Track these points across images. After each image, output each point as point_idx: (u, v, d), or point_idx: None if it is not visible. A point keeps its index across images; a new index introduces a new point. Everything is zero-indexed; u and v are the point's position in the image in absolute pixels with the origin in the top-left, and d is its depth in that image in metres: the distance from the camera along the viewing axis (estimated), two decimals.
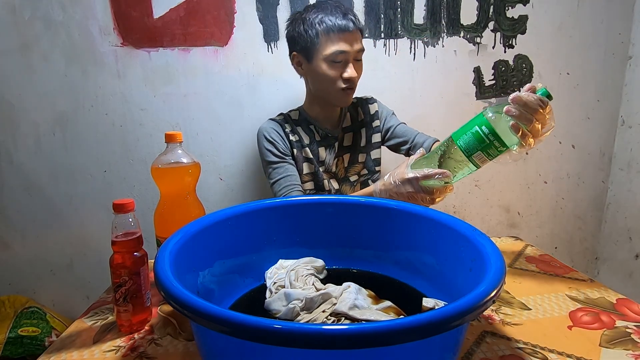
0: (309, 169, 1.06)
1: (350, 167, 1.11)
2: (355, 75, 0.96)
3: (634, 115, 1.46)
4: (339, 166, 1.09)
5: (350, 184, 1.11)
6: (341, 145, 1.09)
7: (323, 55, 0.94)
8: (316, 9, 0.96)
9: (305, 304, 0.54)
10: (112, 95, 1.33)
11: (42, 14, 1.26)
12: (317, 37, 0.94)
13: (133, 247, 0.58)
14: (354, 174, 1.11)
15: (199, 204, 0.74)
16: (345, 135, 1.10)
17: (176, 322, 0.61)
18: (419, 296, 0.59)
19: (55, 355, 0.53)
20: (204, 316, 0.34)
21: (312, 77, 1.00)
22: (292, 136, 1.06)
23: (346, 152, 1.10)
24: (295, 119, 1.10)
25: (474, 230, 0.54)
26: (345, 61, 0.95)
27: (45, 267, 1.43)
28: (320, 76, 0.97)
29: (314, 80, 1.00)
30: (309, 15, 0.95)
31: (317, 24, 0.93)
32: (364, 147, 1.11)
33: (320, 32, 0.93)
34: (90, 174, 1.37)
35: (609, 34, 1.43)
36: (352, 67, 0.95)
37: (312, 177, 1.07)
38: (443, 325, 0.33)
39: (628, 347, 0.53)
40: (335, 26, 0.92)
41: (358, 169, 1.12)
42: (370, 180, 1.13)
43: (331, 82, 0.96)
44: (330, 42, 0.93)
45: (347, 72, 0.95)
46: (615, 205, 1.55)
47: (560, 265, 0.80)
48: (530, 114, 0.61)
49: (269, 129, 1.05)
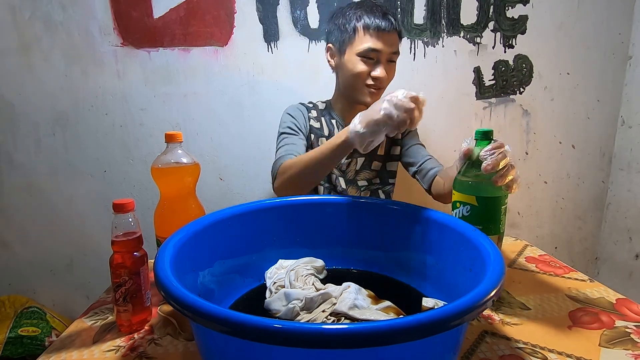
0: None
1: (361, 172, 1.09)
2: (384, 75, 0.95)
3: (634, 115, 1.46)
4: (351, 167, 1.08)
5: (357, 187, 1.09)
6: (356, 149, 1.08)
7: (356, 50, 0.94)
8: (358, 5, 0.97)
9: (305, 304, 0.54)
10: (112, 95, 1.33)
11: (42, 14, 1.26)
12: (353, 31, 0.94)
13: (133, 247, 0.58)
14: (363, 179, 1.10)
15: (199, 204, 0.74)
16: None
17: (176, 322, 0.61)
18: (418, 296, 0.59)
19: (55, 355, 0.53)
20: (204, 316, 0.34)
21: (342, 70, 1.00)
22: (314, 122, 1.06)
23: (360, 155, 1.08)
24: (321, 109, 1.10)
25: (474, 230, 0.54)
26: (377, 60, 0.94)
27: (45, 267, 1.43)
28: (350, 70, 0.96)
29: (343, 74, 1.00)
30: (349, 10, 0.96)
31: (355, 19, 0.94)
32: (381, 157, 1.10)
33: (358, 27, 0.93)
34: (90, 174, 1.37)
35: (609, 34, 1.43)
36: (383, 67, 0.95)
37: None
38: (443, 325, 0.33)
39: (628, 347, 0.53)
40: (372, 23, 0.92)
41: (369, 175, 1.10)
42: (381, 190, 1.12)
43: (359, 77, 0.95)
44: (365, 38, 0.93)
45: (376, 71, 0.94)
46: (615, 205, 1.55)
47: (560, 265, 0.80)
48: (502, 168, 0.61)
49: (294, 108, 1.07)
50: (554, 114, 1.47)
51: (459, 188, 0.66)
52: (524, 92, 1.44)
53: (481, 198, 0.63)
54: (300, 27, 1.32)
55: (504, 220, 0.66)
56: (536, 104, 1.46)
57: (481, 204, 0.63)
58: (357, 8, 0.96)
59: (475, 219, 0.63)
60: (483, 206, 0.63)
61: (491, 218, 0.64)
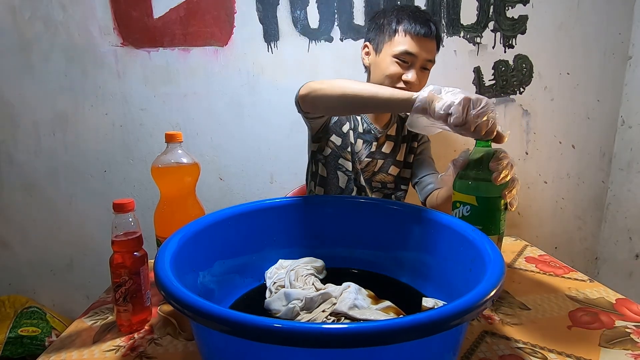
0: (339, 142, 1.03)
1: (378, 174, 1.07)
2: (414, 80, 0.93)
3: (634, 115, 1.46)
4: (369, 167, 1.05)
5: (370, 188, 1.07)
6: (379, 149, 1.05)
7: (391, 51, 0.93)
8: (402, 8, 0.97)
9: (305, 304, 0.54)
10: (112, 95, 1.33)
11: (42, 14, 1.26)
12: (392, 33, 0.94)
13: (133, 246, 0.58)
14: (378, 181, 1.07)
15: (199, 204, 0.74)
16: (387, 141, 1.06)
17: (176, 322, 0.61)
18: (418, 296, 0.59)
19: (55, 355, 0.53)
20: (204, 315, 0.34)
21: (374, 69, 0.99)
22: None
23: (381, 157, 1.06)
24: None
25: (473, 230, 0.54)
26: (411, 64, 0.93)
27: (45, 267, 1.43)
28: (382, 70, 0.95)
29: (375, 72, 0.99)
30: (392, 11, 0.96)
31: (396, 21, 0.94)
32: (400, 163, 1.08)
33: (397, 29, 0.93)
34: (90, 174, 1.38)
35: (609, 34, 1.43)
36: (415, 72, 0.93)
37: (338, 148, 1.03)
38: (442, 325, 0.33)
39: (627, 347, 0.53)
40: (412, 27, 0.92)
41: (385, 179, 1.07)
42: (394, 196, 1.10)
43: (389, 78, 0.94)
44: (403, 40, 0.92)
45: (408, 75, 0.93)
46: (615, 205, 1.55)
47: (559, 265, 0.80)
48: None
49: None
50: (554, 114, 1.47)
51: (459, 188, 0.66)
52: (524, 92, 1.44)
53: (481, 198, 0.63)
54: (300, 27, 1.32)
55: (504, 220, 0.66)
56: (536, 104, 1.46)
57: (481, 204, 0.63)
58: (400, 10, 0.96)
59: (476, 219, 0.63)
60: (483, 206, 0.63)
61: (491, 218, 0.64)
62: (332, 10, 1.32)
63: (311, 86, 0.81)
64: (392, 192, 1.10)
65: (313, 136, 1.04)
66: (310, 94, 0.80)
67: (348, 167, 1.02)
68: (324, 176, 1.04)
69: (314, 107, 0.85)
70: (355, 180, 1.04)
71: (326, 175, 1.03)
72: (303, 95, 0.83)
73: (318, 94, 0.79)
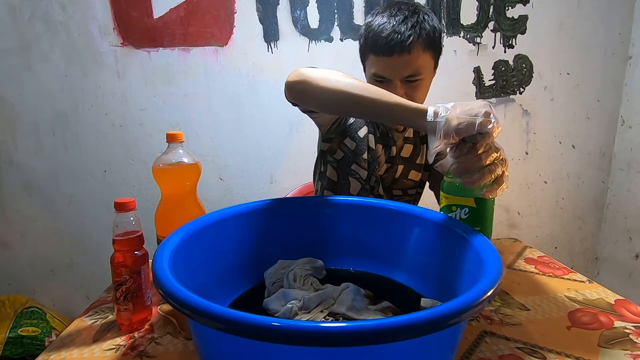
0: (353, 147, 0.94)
1: (400, 180, 0.99)
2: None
3: (634, 115, 1.46)
4: (389, 173, 0.97)
5: (391, 196, 0.99)
6: (399, 154, 0.97)
7: (369, 71, 0.84)
8: (381, 12, 0.82)
9: (303, 304, 0.54)
10: (112, 95, 1.33)
11: (42, 14, 1.26)
12: (364, 51, 0.84)
13: (134, 245, 0.58)
14: (399, 188, 0.99)
15: (200, 203, 0.74)
16: (405, 145, 0.98)
17: (176, 321, 0.61)
18: (417, 297, 0.59)
19: (55, 354, 0.53)
20: (202, 314, 0.34)
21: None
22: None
23: (401, 162, 0.97)
24: None
25: (472, 231, 0.54)
26: (390, 81, 0.80)
27: (45, 267, 1.44)
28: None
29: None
30: (370, 18, 0.83)
31: (365, 36, 0.82)
32: (420, 166, 0.99)
33: (367, 46, 0.82)
34: (90, 174, 1.38)
35: (609, 34, 1.43)
36: (399, 88, 0.80)
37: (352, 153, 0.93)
38: (440, 324, 0.33)
39: (626, 347, 0.53)
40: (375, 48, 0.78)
41: (408, 184, 1.00)
42: (413, 201, 1.02)
43: None
44: (372, 62, 0.81)
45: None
46: (615, 205, 1.55)
47: (559, 266, 0.80)
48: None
49: None
50: (554, 114, 1.47)
51: (454, 192, 0.64)
52: (524, 92, 1.44)
53: (479, 199, 0.63)
54: (300, 27, 1.32)
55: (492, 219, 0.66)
56: (536, 104, 1.46)
57: (479, 205, 0.63)
58: (369, 25, 0.82)
59: (474, 221, 0.63)
60: (481, 207, 0.63)
61: (488, 218, 0.64)
62: (332, 10, 1.32)
63: (303, 73, 0.66)
64: (412, 198, 1.02)
65: (323, 135, 0.93)
66: (300, 83, 0.67)
67: (362, 174, 0.92)
68: (334, 180, 0.96)
69: (302, 100, 0.71)
70: (373, 189, 0.95)
71: (336, 180, 0.95)
72: (291, 83, 0.68)
73: (309, 85, 0.65)
